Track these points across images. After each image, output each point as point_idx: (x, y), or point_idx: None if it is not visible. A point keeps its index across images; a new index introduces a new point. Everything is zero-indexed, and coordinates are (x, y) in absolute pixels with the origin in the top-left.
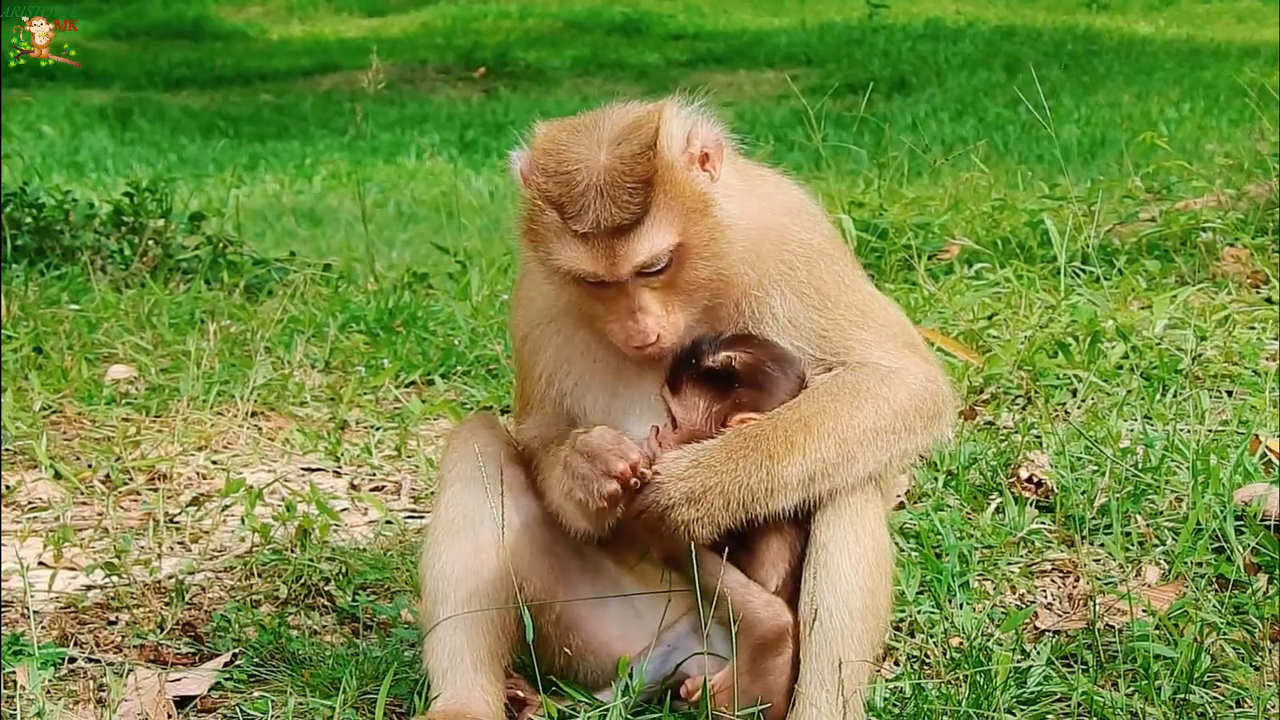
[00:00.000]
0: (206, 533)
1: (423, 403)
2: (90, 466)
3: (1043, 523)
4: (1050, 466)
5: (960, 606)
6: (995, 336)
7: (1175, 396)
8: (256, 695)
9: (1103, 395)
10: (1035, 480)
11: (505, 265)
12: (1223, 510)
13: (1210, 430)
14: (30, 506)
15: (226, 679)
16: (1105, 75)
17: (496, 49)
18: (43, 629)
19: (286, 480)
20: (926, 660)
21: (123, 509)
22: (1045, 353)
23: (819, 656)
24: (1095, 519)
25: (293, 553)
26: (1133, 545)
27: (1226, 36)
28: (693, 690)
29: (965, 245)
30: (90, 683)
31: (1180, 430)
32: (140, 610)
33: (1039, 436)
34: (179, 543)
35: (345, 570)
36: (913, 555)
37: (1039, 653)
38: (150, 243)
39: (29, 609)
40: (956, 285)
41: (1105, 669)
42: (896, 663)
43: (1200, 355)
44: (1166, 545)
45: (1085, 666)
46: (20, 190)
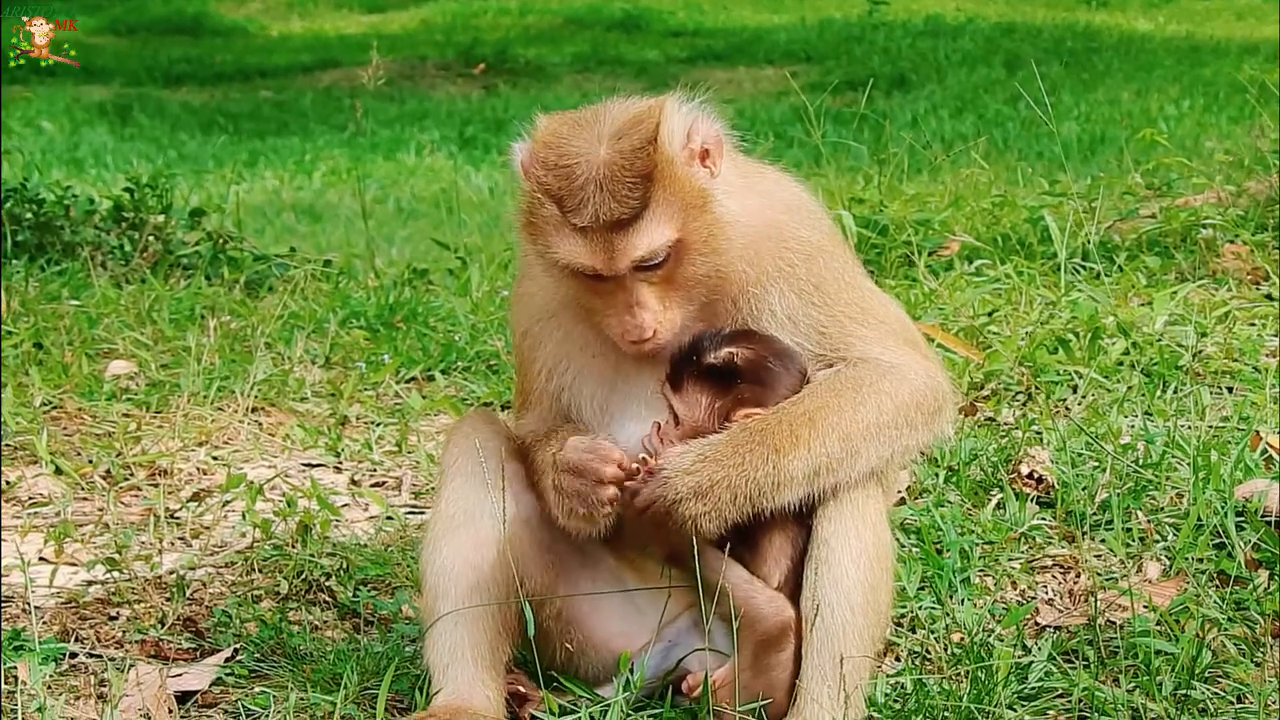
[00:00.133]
0: (207, 528)
1: (423, 398)
2: (91, 462)
3: (1043, 519)
4: (1051, 462)
5: (961, 602)
6: (996, 333)
7: (1176, 393)
8: (257, 690)
9: (1103, 391)
10: (1036, 476)
11: (505, 261)
12: (1223, 506)
13: (1211, 426)
14: (31, 502)
15: (227, 674)
16: (1105, 72)
17: (496, 45)
18: (44, 624)
19: (287, 476)
20: (928, 656)
21: (123, 504)
22: (1046, 349)
23: (820, 652)
24: (1096, 515)
25: (293, 548)
26: (1133, 541)
27: (1226, 33)
28: (694, 686)
29: (965, 242)
30: (91, 678)
31: (1181, 426)
32: (141, 605)
33: (1040, 432)
34: (180, 538)
35: (346, 565)
36: (914, 551)
37: (1040, 648)
38: (150, 238)
39: (30, 604)
40: (957, 282)
41: (1106, 665)
42: (898, 658)
43: (1201, 351)
44: (1167, 541)
45: (1086, 662)
46: (20, 186)
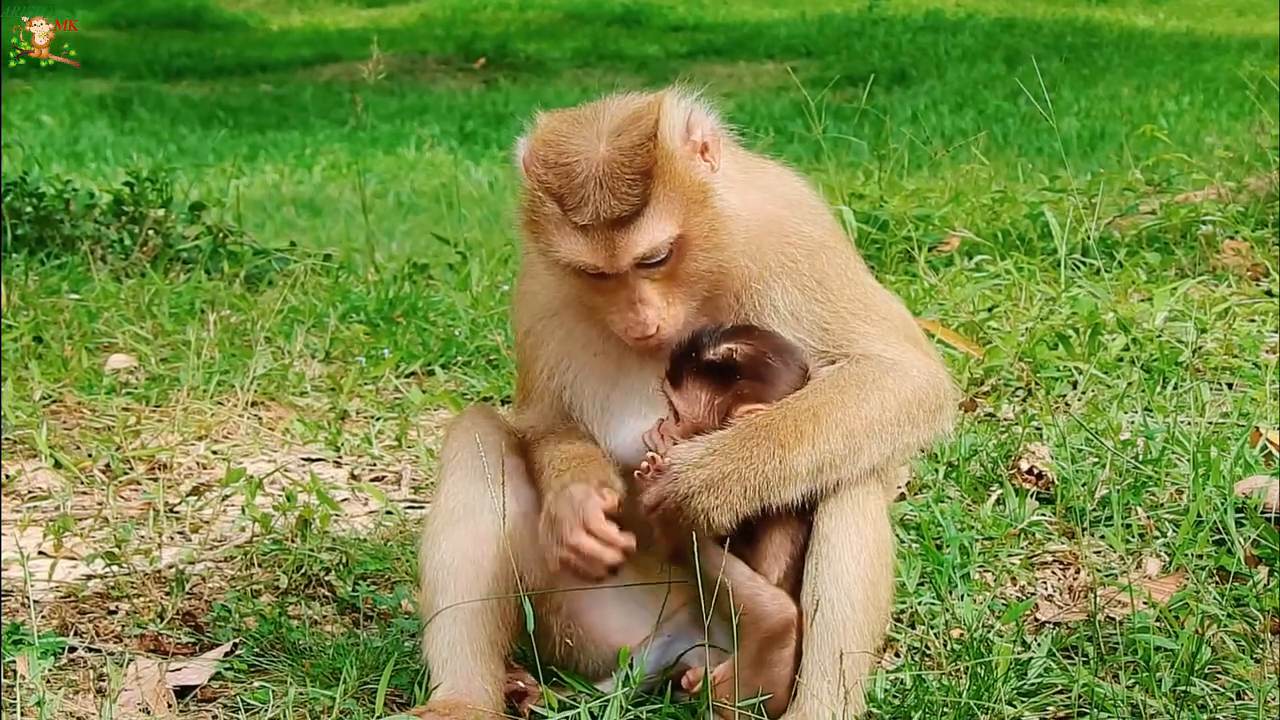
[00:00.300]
0: (207, 522)
1: (423, 393)
2: (90, 456)
3: (1043, 514)
4: (1051, 458)
5: (961, 598)
6: (995, 328)
7: (1176, 389)
8: (257, 685)
9: (1103, 387)
10: (1036, 472)
11: (505, 256)
12: (1223, 502)
13: (1211, 423)
14: (30, 496)
15: (227, 669)
16: (1105, 68)
17: (496, 40)
18: (43, 618)
19: (287, 470)
20: (927, 651)
21: (123, 498)
22: (1046, 345)
23: (820, 648)
24: (1096, 511)
25: (293, 543)
26: (1133, 537)
27: (1226, 30)
28: (694, 681)
29: (965, 237)
30: (90, 672)
31: (1181, 422)
32: (140, 600)
33: (1039, 428)
34: (179, 532)
35: (345, 560)
36: (914, 547)
37: (1040, 644)
38: (150, 232)
39: (29, 598)
40: (957, 277)
41: (1106, 661)
42: (897, 654)
43: (1200, 348)
44: (1167, 537)
45: (1086, 658)
46: (20, 180)
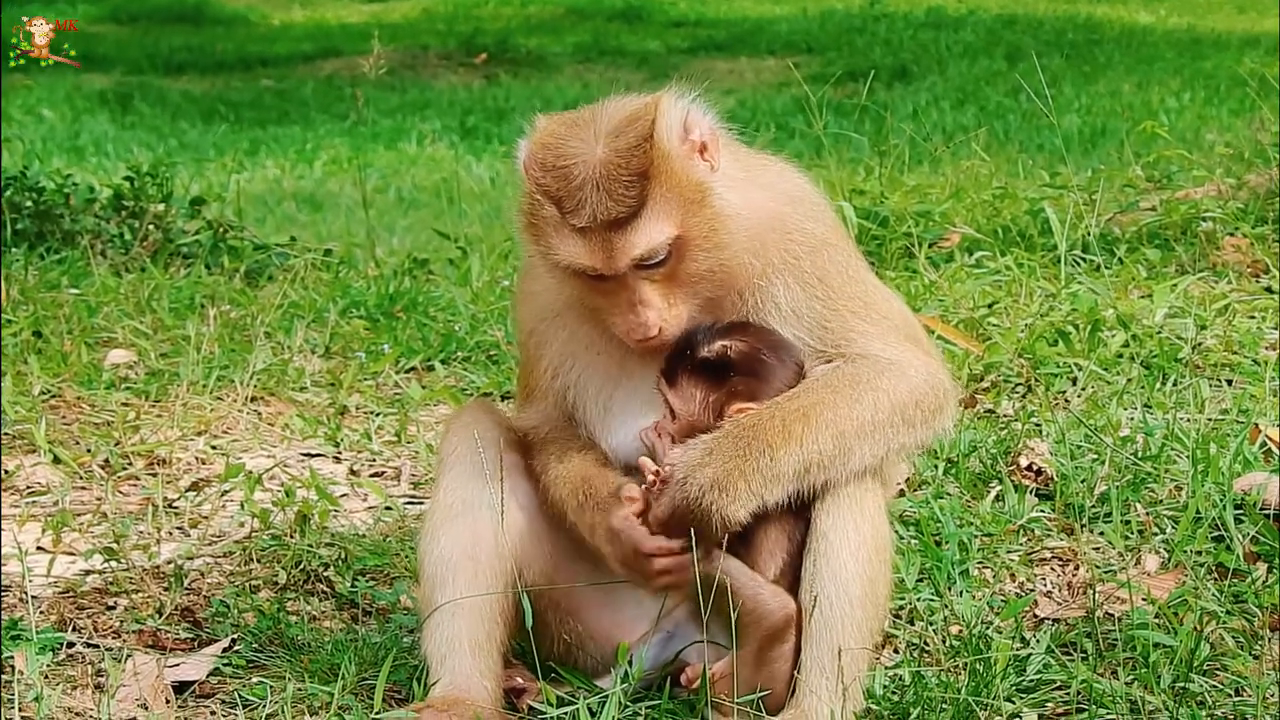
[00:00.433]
0: (205, 518)
1: (423, 388)
2: (89, 451)
3: (1042, 511)
4: (1050, 455)
5: (960, 594)
6: (995, 325)
7: (1175, 385)
8: (255, 681)
9: (1103, 384)
10: (1035, 468)
11: (506, 251)
12: (1222, 499)
13: (1210, 419)
14: (29, 491)
15: (225, 664)
16: (1106, 64)
17: (498, 35)
18: (41, 614)
19: (286, 465)
20: (926, 648)
21: (122, 494)
22: (1045, 341)
23: (819, 644)
24: (1095, 507)
25: (292, 538)
26: (1132, 534)
27: (1227, 26)
28: (693, 678)
29: (966, 233)
30: (88, 668)
31: (1180, 419)
32: (139, 595)
33: (1039, 425)
34: (178, 528)
35: (344, 556)
36: (912, 543)
37: (1038, 641)
38: (150, 227)
39: (27, 594)
40: (957, 273)
41: (1105, 657)
42: (896, 650)
43: (1200, 344)
44: (1166, 534)
45: (1085, 655)
46: (20, 174)
